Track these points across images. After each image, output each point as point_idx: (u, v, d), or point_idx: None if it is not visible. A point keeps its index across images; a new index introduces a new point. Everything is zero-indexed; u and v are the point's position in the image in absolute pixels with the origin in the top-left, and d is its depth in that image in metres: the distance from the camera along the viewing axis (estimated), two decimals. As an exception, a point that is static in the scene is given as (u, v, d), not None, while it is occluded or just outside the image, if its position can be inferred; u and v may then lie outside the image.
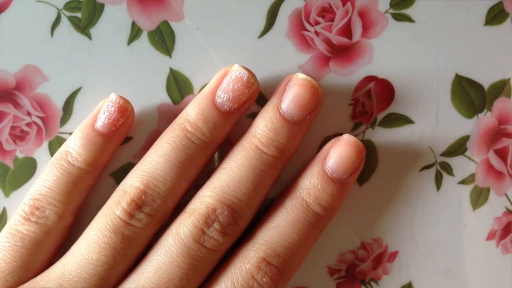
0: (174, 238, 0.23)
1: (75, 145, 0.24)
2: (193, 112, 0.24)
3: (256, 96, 0.25)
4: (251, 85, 0.24)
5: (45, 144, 0.26)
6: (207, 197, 0.24)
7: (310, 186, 0.24)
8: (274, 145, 0.24)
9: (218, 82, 0.24)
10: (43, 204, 0.24)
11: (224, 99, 0.24)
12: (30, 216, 0.24)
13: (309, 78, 0.24)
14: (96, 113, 0.24)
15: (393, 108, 0.26)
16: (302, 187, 0.24)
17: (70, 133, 0.26)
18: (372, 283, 0.27)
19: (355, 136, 0.26)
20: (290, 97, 0.24)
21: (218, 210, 0.23)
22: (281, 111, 0.24)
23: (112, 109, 0.24)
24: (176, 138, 0.24)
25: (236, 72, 0.24)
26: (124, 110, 0.24)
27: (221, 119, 0.24)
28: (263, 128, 0.24)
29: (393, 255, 0.27)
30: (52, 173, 0.24)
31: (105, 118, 0.24)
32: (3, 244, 0.24)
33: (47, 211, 0.24)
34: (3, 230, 0.24)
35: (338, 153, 0.24)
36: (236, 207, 0.23)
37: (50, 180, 0.24)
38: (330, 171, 0.24)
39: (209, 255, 0.23)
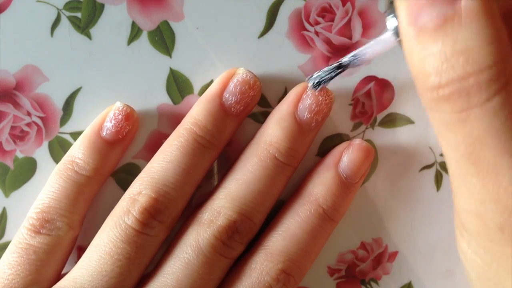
0: (194, 250, 0.23)
1: (82, 154, 0.24)
2: (201, 115, 0.24)
3: (259, 98, 0.25)
4: (256, 87, 0.24)
5: (45, 144, 0.26)
6: (226, 208, 0.23)
7: (326, 191, 0.24)
8: (292, 154, 0.24)
9: (222, 84, 0.24)
10: (52, 216, 0.23)
11: (232, 101, 0.24)
12: (40, 229, 0.23)
13: (325, 87, 0.24)
14: (100, 121, 0.24)
15: (393, 108, 0.26)
16: (318, 193, 0.24)
17: (70, 133, 0.26)
18: (372, 283, 0.27)
19: (355, 136, 0.26)
20: (307, 106, 0.24)
21: (238, 222, 0.23)
22: (298, 119, 0.24)
23: (120, 117, 0.24)
24: (185, 143, 0.24)
25: (242, 75, 0.24)
26: (131, 117, 0.24)
27: (229, 121, 0.24)
28: (281, 137, 0.24)
29: (393, 255, 0.27)
30: (59, 184, 0.24)
31: (112, 126, 0.24)
32: (15, 259, 0.23)
33: (57, 223, 0.23)
34: (11, 245, 0.24)
35: (352, 158, 0.25)
36: (253, 218, 0.24)
37: (57, 191, 0.24)
38: (344, 175, 0.25)
39: (225, 262, 0.24)
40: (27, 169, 0.26)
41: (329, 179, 0.25)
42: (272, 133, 0.24)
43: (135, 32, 0.25)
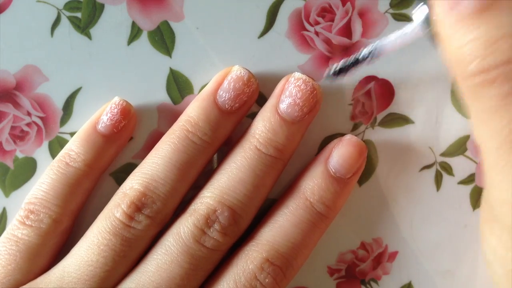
0: (174, 237, 0.23)
1: (75, 146, 0.24)
2: (194, 112, 0.24)
3: (256, 96, 0.25)
4: (251, 84, 0.24)
5: (45, 144, 0.26)
6: (207, 197, 0.24)
7: (314, 185, 0.24)
8: (273, 145, 0.24)
9: (218, 82, 0.24)
10: (37, 207, 0.24)
11: (226, 98, 0.24)
12: (25, 220, 0.24)
13: (305, 76, 0.24)
14: (98, 116, 0.25)
15: (393, 108, 0.26)
16: (306, 187, 0.24)
17: (70, 133, 0.26)
18: (372, 283, 0.27)
19: (355, 136, 0.26)
20: (288, 99, 0.24)
21: (218, 211, 0.23)
22: (279, 111, 0.24)
23: (115, 110, 0.24)
24: (176, 140, 0.24)
25: (236, 72, 0.24)
26: (127, 112, 0.24)
27: (223, 119, 0.24)
28: (261, 129, 0.24)
29: (393, 255, 0.27)
30: (49, 176, 0.24)
31: (107, 119, 0.24)
32: (0, 248, 0.24)
33: (41, 215, 0.24)
34: (2, 235, 0.24)
35: (341, 152, 0.24)
36: (236, 208, 0.23)
37: (46, 183, 0.24)
38: (333, 170, 0.24)
39: (210, 255, 0.23)
40: (27, 169, 0.26)
41: (318, 174, 0.24)
42: (255, 125, 0.24)
43: (135, 32, 0.25)
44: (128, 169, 0.26)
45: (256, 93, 0.25)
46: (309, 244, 0.24)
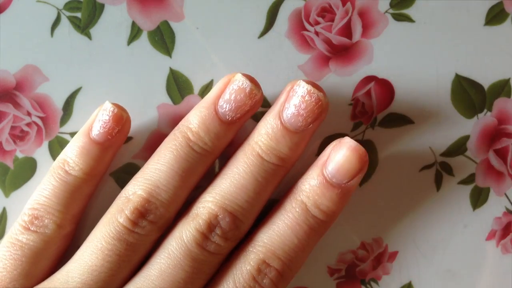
0: (177, 242, 0.23)
1: (72, 154, 0.24)
2: (195, 121, 0.24)
3: (260, 105, 0.24)
4: (254, 96, 0.24)
5: (45, 144, 0.26)
6: (209, 202, 0.24)
7: (310, 189, 0.24)
8: (275, 154, 0.24)
9: (220, 90, 0.24)
10: (41, 213, 0.24)
11: (226, 110, 0.24)
12: (29, 226, 0.24)
13: (310, 87, 0.23)
14: (92, 121, 0.24)
15: (393, 108, 0.26)
16: (302, 190, 0.24)
17: (70, 133, 0.26)
18: (372, 283, 0.27)
19: (355, 136, 0.26)
20: (292, 109, 0.24)
21: (220, 216, 0.23)
22: (282, 120, 0.24)
23: (107, 118, 0.24)
24: (178, 147, 0.24)
25: (238, 82, 0.24)
26: (119, 118, 0.24)
27: (223, 129, 0.24)
28: (264, 136, 0.24)
29: (393, 255, 0.27)
30: (50, 182, 0.24)
31: (100, 127, 0.24)
32: (4, 253, 0.24)
33: (46, 220, 0.24)
34: (4, 239, 0.24)
35: (338, 157, 0.24)
36: (237, 214, 0.23)
37: (48, 189, 0.24)
38: (329, 176, 0.24)
39: (211, 258, 0.23)
40: (27, 169, 0.26)
41: (314, 177, 0.24)
42: (258, 131, 0.24)
43: (135, 32, 0.25)
44: (128, 169, 0.26)
45: (260, 103, 0.24)
46: (306, 247, 0.24)
